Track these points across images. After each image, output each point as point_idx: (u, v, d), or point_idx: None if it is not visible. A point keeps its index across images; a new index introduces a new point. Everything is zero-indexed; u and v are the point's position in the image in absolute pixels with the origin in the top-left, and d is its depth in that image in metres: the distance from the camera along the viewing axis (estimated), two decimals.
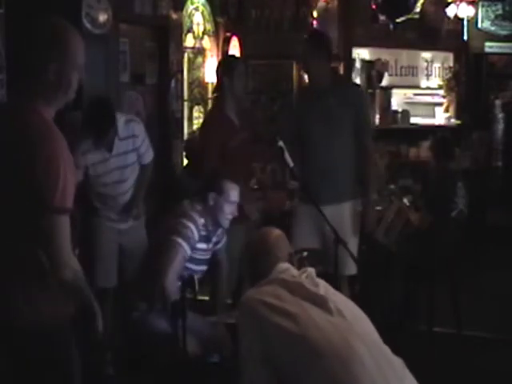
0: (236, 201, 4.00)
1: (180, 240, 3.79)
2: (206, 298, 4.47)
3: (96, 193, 4.70)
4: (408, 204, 6.11)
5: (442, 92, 9.46)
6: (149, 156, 4.81)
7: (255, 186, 5.22)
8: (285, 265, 2.86)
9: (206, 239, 3.97)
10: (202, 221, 3.90)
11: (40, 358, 2.57)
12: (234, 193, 3.99)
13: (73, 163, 2.56)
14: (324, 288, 2.77)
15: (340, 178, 4.76)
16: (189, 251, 3.81)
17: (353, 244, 4.57)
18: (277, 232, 2.99)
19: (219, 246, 4.17)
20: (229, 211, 3.97)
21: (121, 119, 4.65)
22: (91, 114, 4.58)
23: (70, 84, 2.59)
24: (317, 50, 4.73)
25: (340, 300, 2.75)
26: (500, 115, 9.67)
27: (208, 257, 4.04)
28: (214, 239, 4.07)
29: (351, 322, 2.66)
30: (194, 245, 3.84)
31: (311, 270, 2.85)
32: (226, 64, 5.07)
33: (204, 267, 4.04)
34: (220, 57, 7.49)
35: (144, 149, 4.74)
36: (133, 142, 4.64)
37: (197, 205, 3.96)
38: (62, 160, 2.47)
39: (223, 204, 3.94)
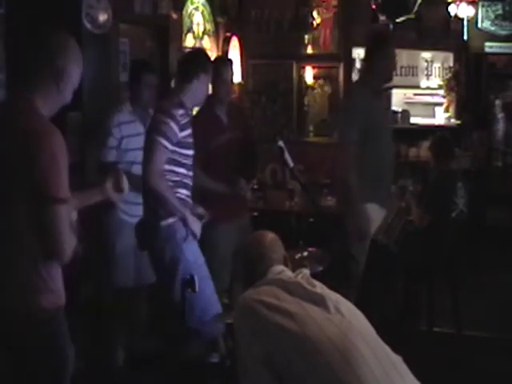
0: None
1: (159, 138, 3.96)
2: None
3: None
4: (411, 189, 6.14)
5: (442, 92, 9.42)
6: None
7: (255, 186, 5.21)
8: (280, 267, 2.88)
9: (189, 125, 4.12)
10: (180, 111, 4.03)
11: (32, 346, 2.69)
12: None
13: (66, 156, 2.69)
14: (320, 287, 2.78)
15: None
16: (170, 146, 3.97)
17: None
18: (271, 235, 3.00)
19: None
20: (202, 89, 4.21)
21: None
22: (133, 71, 4.92)
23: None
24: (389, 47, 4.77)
25: (337, 298, 2.76)
26: (500, 115, 9.65)
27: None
28: None
29: (350, 320, 2.66)
30: (174, 138, 3.99)
31: (306, 272, 2.86)
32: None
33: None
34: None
35: None
36: None
37: (174, 97, 4.14)
38: (60, 156, 2.63)
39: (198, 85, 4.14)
